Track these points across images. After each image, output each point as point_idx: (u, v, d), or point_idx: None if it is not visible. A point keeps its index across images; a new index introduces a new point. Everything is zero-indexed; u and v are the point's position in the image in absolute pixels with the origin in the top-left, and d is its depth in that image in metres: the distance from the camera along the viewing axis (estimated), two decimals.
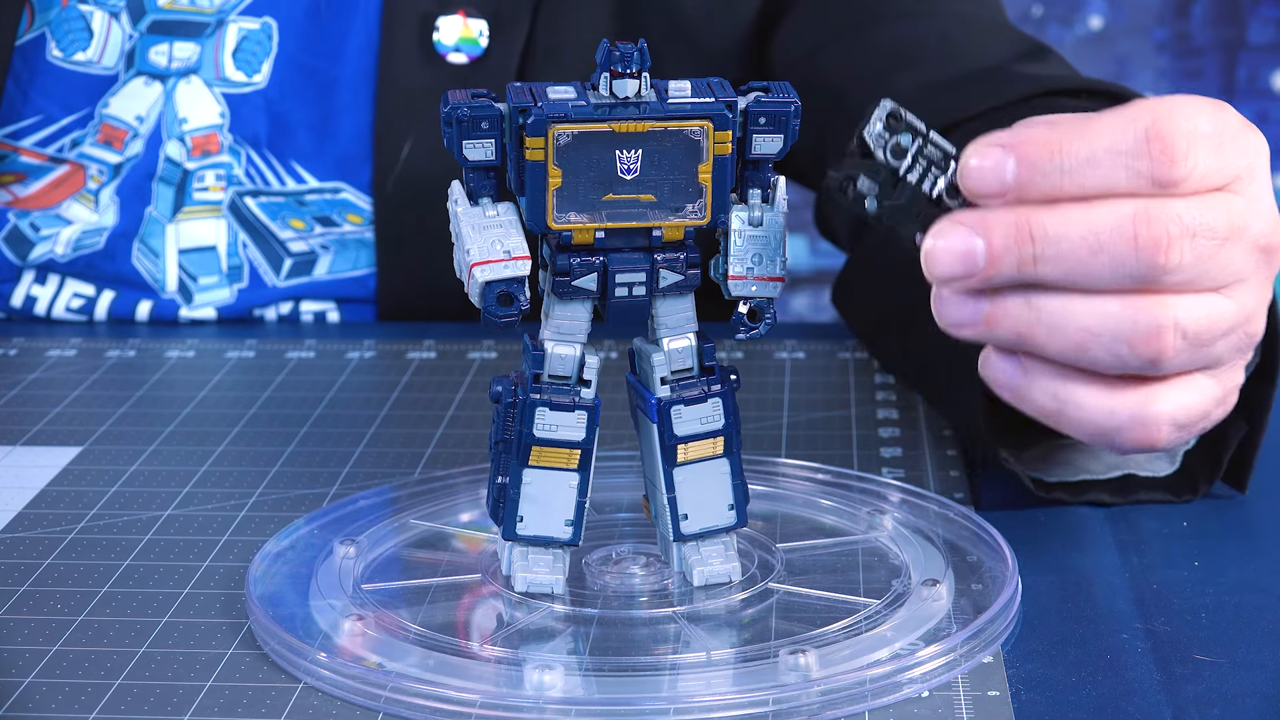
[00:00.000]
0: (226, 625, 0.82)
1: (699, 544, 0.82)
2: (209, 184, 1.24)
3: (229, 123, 1.24)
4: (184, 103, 1.23)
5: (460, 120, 0.77)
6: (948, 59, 1.19)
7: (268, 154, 1.24)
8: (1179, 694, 0.76)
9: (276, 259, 1.26)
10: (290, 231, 1.26)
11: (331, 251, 1.27)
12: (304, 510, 0.92)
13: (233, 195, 1.25)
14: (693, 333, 0.81)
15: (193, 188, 1.24)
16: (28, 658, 0.80)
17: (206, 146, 1.23)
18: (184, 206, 1.25)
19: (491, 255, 0.78)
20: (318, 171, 1.25)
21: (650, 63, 0.77)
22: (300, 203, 1.25)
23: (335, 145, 1.25)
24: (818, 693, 0.74)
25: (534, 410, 0.80)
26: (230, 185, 1.25)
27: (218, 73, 1.23)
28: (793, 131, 0.79)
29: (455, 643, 0.78)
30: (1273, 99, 2.16)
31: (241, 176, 1.25)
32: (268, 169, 1.24)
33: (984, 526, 0.87)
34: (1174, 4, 2.16)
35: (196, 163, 1.24)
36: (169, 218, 1.25)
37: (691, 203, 0.78)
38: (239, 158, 1.24)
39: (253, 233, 1.25)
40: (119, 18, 1.22)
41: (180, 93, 1.23)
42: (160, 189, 1.24)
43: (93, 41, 1.22)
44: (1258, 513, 0.95)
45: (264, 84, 1.23)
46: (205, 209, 1.25)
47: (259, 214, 1.25)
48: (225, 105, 1.23)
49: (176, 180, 1.24)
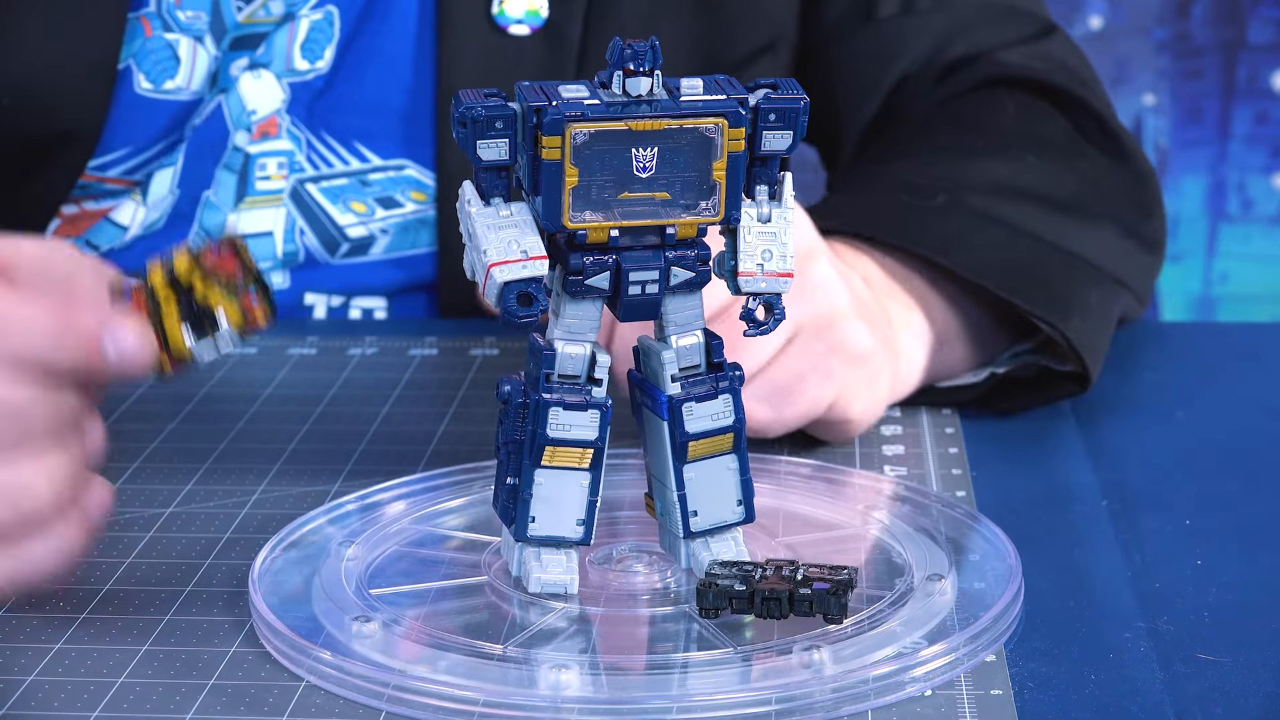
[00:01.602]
0: (229, 623, 0.82)
1: (708, 540, 0.82)
2: (270, 172, 1.23)
3: (288, 105, 1.23)
4: (251, 94, 1.22)
5: (475, 120, 0.77)
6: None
7: (327, 136, 1.23)
8: (1181, 693, 0.76)
9: (333, 244, 1.26)
10: (351, 216, 1.25)
11: (390, 235, 1.26)
12: (307, 507, 0.92)
13: (294, 182, 1.24)
14: (700, 329, 0.81)
15: (254, 176, 1.23)
16: (30, 655, 0.79)
17: (266, 129, 1.23)
18: (246, 197, 1.24)
19: (509, 255, 0.77)
20: (381, 150, 1.25)
21: (662, 60, 0.77)
22: (364, 183, 1.25)
23: (398, 123, 1.24)
24: (830, 689, 0.74)
25: (547, 410, 0.80)
26: (292, 173, 1.24)
27: (287, 65, 1.22)
28: (801, 128, 0.79)
29: (468, 644, 0.78)
30: (1273, 99, 2.16)
31: (303, 162, 1.24)
32: (329, 151, 1.24)
33: (986, 525, 0.87)
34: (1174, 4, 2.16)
35: (257, 146, 1.23)
36: (231, 207, 1.24)
37: (705, 200, 0.78)
38: (299, 143, 1.23)
39: (311, 219, 1.24)
40: (203, 40, 1.20)
41: (247, 85, 1.22)
42: (223, 176, 1.23)
43: (180, 69, 1.20)
44: (1260, 511, 0.95)
45: (326, 69, 1.23)
46: (267, 199, 1.24)
47: (320, 199, 1.24)
48: (289, 92, 1.23)
49: (239, 167, 1.23)
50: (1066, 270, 1.10)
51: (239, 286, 0.78)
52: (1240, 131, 2.18)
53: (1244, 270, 2.20)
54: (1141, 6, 2.17)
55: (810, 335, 0.96)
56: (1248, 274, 2.20)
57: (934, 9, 1.27)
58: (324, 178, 1.24)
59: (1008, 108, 1.21)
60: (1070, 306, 1.07)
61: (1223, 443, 1.04)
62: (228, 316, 0.78)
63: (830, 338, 0.96)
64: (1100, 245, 1.13)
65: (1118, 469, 1.00)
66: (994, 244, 1.09)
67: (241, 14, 1.20)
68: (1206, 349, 1.23)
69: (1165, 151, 2.18)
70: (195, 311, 0.78)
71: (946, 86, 1.25)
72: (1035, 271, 1.08)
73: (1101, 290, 1.10)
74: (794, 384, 0.95)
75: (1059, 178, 1.16)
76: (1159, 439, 1.05)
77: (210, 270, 0.78)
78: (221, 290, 0.77)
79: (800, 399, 0.96)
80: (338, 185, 1.25)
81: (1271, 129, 2.18)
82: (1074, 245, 1.11)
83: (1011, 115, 1.21)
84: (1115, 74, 2.18)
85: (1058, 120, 1.21)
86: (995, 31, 1.27)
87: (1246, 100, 2.18)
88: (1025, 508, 0.94)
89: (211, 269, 0.78)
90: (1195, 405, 1.11)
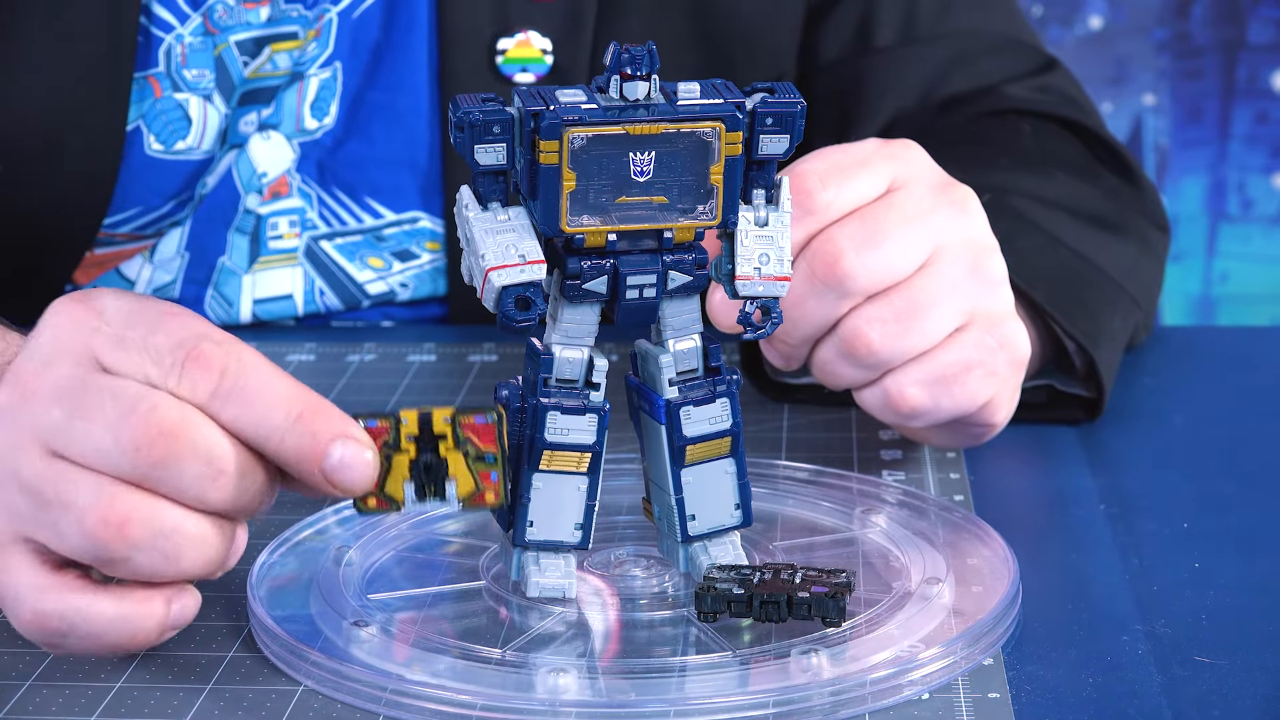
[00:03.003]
0: (227, 628, 0.82)
1: (706, 544, 0.82)
2: (283, 231, 1.23)
3: (297, 164, 1.22)
4: (260, 156, 1.21)
5: (473, 125, 0.77)
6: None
7: (338, 193, 1.23)
8: (1179, 696, 0.76)
9: (354, 302, 1.26)
10: (369, 272, 1.25)
11: (410, 289, 1.26)
12: (305, 513, 0.92)
13: (308, 240, 1.23)
14: (698, 334, 0.81)
15: (267, 236, 1.23)
16: (28, 660, 0.79)
17: (276, 189, 1.22)
18: (260, 257, 1.23)
19: (507, 260, 0.77)
20: (393, 204, 1.24)
21: (659, 64, 0.77)
22: (378, 238, 1.25)
23: (409, 176, 1.24)
24: (828, 693, 0.74)
25: (545, 414, 0.80)
26: (305, 230, 1.23)
27: (297, 125, 1.21)
28: (798, 132, 0.79)
29: (465, 648, 0.78)
30: (1273, 99, 2.16)
31: (315, 219, 1.23)
32: (341, 208, 1.23)
33: (984, 528, 0.87)
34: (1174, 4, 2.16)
35: (268, 207, 1.22)
36: (245, 268, 1.23)
37: (703, 204, 0.78)
38: (310, 200, 1.23)
39: (329, 278, 1.24)
40: (212, 99, 1.19)
41: (256, 147, 1.21)
42: (235, 239, 1.22)
43: (191, 129, 1.19)
44: (1257, 515, 0.95)
45: (333, 125, 1.22)
46: (281, 258, 1.24)
47: (336, 256, 1.24)
48: (299, 151, 1.22)
49: (250, 229, 1.23)
50: (1098, 289, 1.08)
51: (485, 462, 0.77)
52: (1240, 131, 2.18)
53: (1244, 270, 2.19)
54: (1141, 6, 2.17)
55: (983, 328, 0.92)
56: (1248, 274, 2.20)
57: (935, 39, 1.27)
58: (338, 234, 1.24)
59: (1024, 128, 1.21)
60: (1100, 331, 1.05)
61: (1220, 446, 1.05)
62: (459, 487, 0.77)
63: (1001, 334, 0.92)
64: (1124, 262, 1.12)
65: (1115, 472, 1.00)
66: (1037, 250, 1.06)
67: (248, 69, 1.19)
68: (1204, 353, 1.23)
69: (1165, 151, 2.18)
70: (428, 472, 0.77)
71: (949, 118, 1.24)
72: (1073, 286, 1.05)
73: (1122, 313, 1.09)
74: (959, 374, 0.91)
75: (1085, 192, 1.15)
76: (1157, 442, 1.05)
77: (465, 436, 0.77)
78: (467, 460, 0.77)
79: (961, 391, 0.91)
80: (353, 242, 1.24)
81: (1271, 129, 2.17)
82: (1103, 261, 1.10)
83: (1029, 135, 1.20)
84: (1115, 74, 2.18)
85: (1072, 142, 1.21)
86: (998, 64, 1.26)
87: (1246, 100, 2.18)
88: (1023, 511, 0.94)
89: (467, 435, 0.77)
90: (1193, 409, 1.11)
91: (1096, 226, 1.12)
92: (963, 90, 1.25)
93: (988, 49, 1.27)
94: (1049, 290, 1.03)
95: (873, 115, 1.24)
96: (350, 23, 1.20)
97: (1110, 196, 1.17)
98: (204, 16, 1.17)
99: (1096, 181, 1.17)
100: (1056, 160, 1.18)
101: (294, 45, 1.19)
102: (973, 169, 1.09)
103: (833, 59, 1.28)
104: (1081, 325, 1.03)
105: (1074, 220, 1.11)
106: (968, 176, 0.96)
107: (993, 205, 1.01)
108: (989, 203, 1.00)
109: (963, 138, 1.21)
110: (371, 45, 1.21)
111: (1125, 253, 1.13)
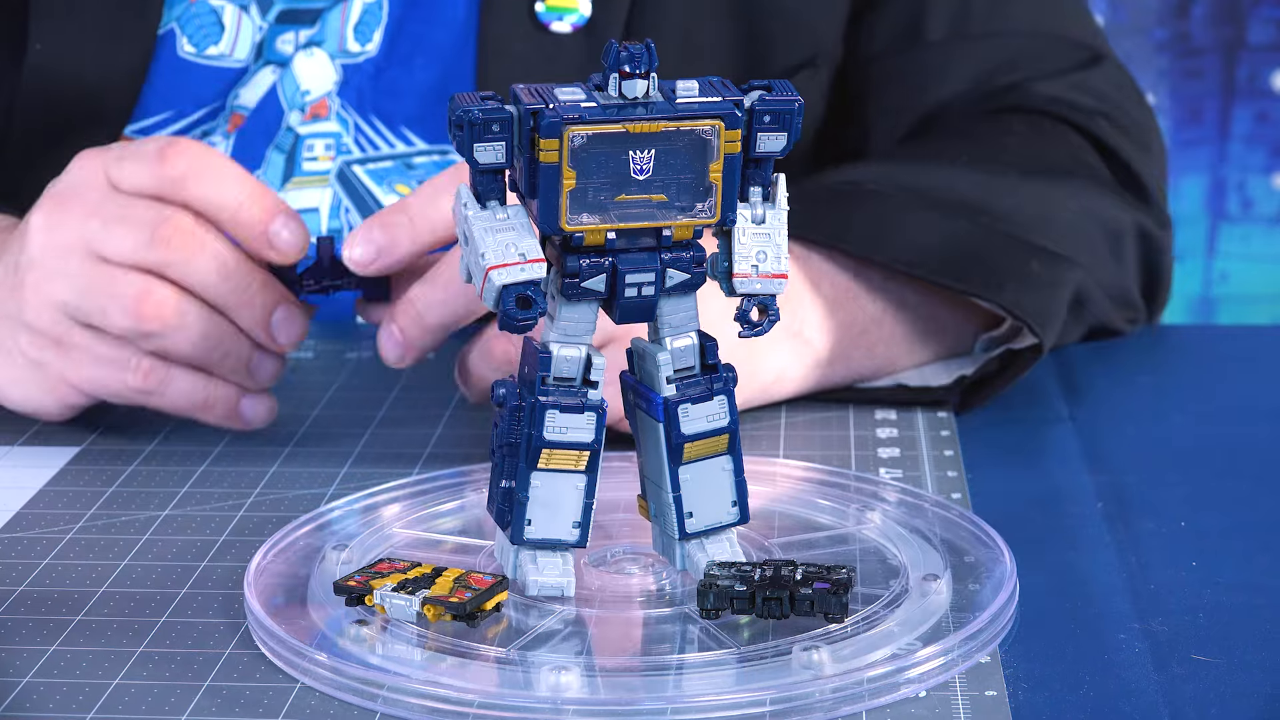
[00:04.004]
0: (224, 625, 0.82)
1: (704, 541, 0.82)
2: (318, 153, 1.24)
3: (338, 88, 1.23)
4: (305, 74, 1.23)
5: (472, 123, 0.77)
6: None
7: (375, 120, 1.23)
8: (1176, 694, 0.76)
9: None
10: (394, 197, 1.25)
11: None
12: (302, 511, 0.92)
13: (341, 164, 1.24)
14: (694, 331, 0.81)
15: (302, 156, 1.23)
16: (26, 657, 0.80)
17: (317, 111, 1.23)
18: (293, 177, 1.24)
19: (507, 258, 0.77)
20: (426, 135, 1.25)
21: (658, 62, 0.77)
22: (409, 165, 1.25)
23: (444, 109, 1.24)
24: (828, 690, 0.74)
25: (544, 413, 0.80)
26: (339, 154, 1.24)
27: (340, 45, 1.22)
28: (796, 130, 0.79)
29: (463, 645, 0.78)
30: (1273, 99, 2.16)
31: (350, 144, 1.24)
32: (376, 135, 1.24)
33: (981, 526, 0.87)
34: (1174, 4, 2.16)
35: (307, 128, 1.23)
36: (278, 186, 1.24)
37: (701, 202, 0.78)
38: (347, 126, 1.24)
39: (356, 199, 1.24)
40: (248, 10, 1.21)
41: (301, 64, 1.22)
42: (273, 155, 1.23)
43: (224, 35, 1.21)
44: (1255, 513, 0.95)
45: (375, 52, 1.23)
46: (313, 179, 1.24)
47: (366, 180, 1.24)
48: (341, 74, 1.23)
49: (288, 148, 1.23)
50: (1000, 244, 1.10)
51: (470, 600, 0.78)
52: (1240, 131, 2.18)
53: (1244, 270, 2.19)
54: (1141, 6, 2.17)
55: None
56: (1248, 274, 2.19)
57: (984, 36, 1.26)
58: (370, 160, 1.25)
59: (1014, 128, 1.21)
60: (1005, 278, 1.07)
61: (1218, 445, 1.04)
62: (427, 612, 0.79)
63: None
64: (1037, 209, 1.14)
65: (1113, 471, 1.00)
66: (924, 226, 1.09)
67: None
68: (1202, 352, 1.23)
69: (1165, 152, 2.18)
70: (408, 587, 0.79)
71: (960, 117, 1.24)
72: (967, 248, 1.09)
73: (1040, 259, 1.11)
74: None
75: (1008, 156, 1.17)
76: (1154, 441, 1.05)
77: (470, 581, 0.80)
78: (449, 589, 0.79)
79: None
80: (383, 168, 1.25)
81: (1271, 129, 2.17)
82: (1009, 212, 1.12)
83: (1017, 135, 1.20)
84: None
85: (1067, 144, 1.21)
86: (1036, 61, 1.26)
87: (1246, 100, 2.18)
88: (1021, 509, 0.94)
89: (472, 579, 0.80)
90: (1190, 407, 1.11)
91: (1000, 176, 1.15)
92: (999, 87, 1.25)
93: (1030, 45, 1.26)
94: (937, 264, 1.07)
95: (912, 109, 1.24)
96: None
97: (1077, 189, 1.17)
98: None
99: (1066, 181, 1.17)
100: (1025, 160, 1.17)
101: None
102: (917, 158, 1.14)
103: (881, 48, 1.28)
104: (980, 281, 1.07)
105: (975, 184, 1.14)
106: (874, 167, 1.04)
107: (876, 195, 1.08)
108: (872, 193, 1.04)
109: (942, 132, 1.21)
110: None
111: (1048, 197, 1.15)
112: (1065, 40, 1.28)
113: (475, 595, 0.79)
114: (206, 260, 0.97)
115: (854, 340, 1.08)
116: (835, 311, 1.07)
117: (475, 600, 0.78)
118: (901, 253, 1.07)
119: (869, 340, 1.08)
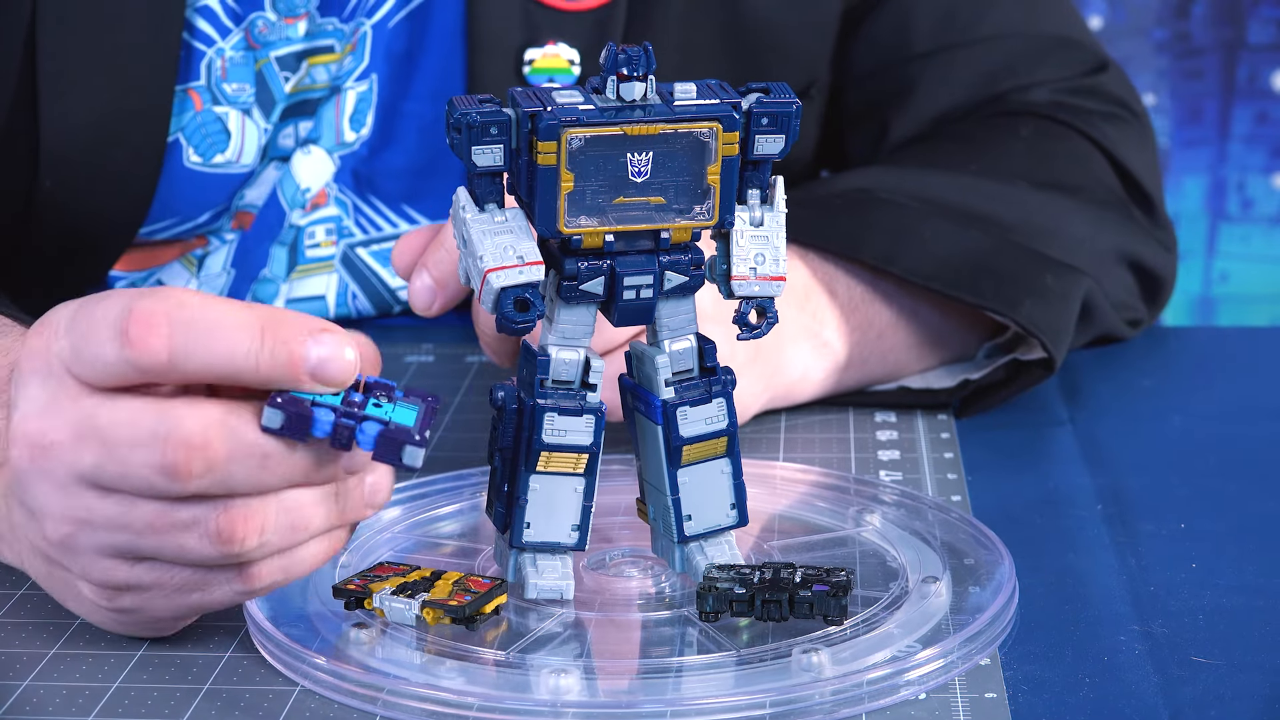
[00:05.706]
0: (224, 628, 0.82)
1: (703, 544, 0.82)
2: (320, 239, 1.23)
3: (334, 174, 1.22)
4: (304, 173, 1.21)
5: (470, 126, 0.77)
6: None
7: (375, 201, 1.23)
8: (1176, 696, 0.76)
9: (385, 306, 1.25)
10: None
11: None
12: None
13: (344, 248, 1.23)
14: (693, 334, 0.81)
15: (304, 245, 1.23)
16: (25, 660, 0.80)
17: (315, 200, 1.22)
18: (297, 266, 1.23)
19: (505, 261, 0.77)
20: (428, 211, 1.24)
21: (656, 65, 0.77)
22: None
23: (442, 183, 1.24)
24: (827, 692, 0.74)
25: (543, 416, 0.80)
26: (341, 238, 1.23)
27: (337, 139, 1.21)
28: (794, 131, 0.79)
29: (462, 649, 0.78)
30: (1273, 99, 2.16)
31: (351, 227, 1.23)
32: (376, 214, 1.23)
33: (981, 529, 0.87)
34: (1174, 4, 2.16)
35: (306, 218, 1.22)
36: (283, 277, 1.23)
37: (699, 204, 0.78)
38: (346, 209, 1.23)
39: (362, 282, 1.24)
40: (251, 113, 1.19)
41: (299, 163, 1.21)
42: (275, 250, 1.22)
43: (230, 142, 1.19)
44: (1255, 515, 0.95)
45: (368, 135, 1.22)
46: (317, 266, 1.23)
47: (370, 262, 1.23)
48: (339, 164, 1.22)
49: (290, 241, 1.22)
50: (1016, 260, 1.10)
51: (469, 603, 0.78)
52: (1240, 131, 2.18)
53: (1244, 270, 2.19)
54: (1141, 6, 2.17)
55: None
56: (1248, 274, 2.19)
57: (980, 41, 1.25)
58: (373, 241, 1.24)
59: (1021, 131, 1.21)
60: (1022, 293, 1.07)
61: (1217, 446, 1.04)
62: (426, 616, 0.78)
63: None
64: (1054, 214, 1.14)
65: (1113, 473, 1.00)
66: (940, 237, 1.09)
67: (289, 84, 1.19)
68: (1203, 353, 1.23)
69: (1165, 151, 2.18)
70: (406, 590, 0.79)
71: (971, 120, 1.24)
72: (983, 261, 1.09)
73: (1054, 271, 1.11)
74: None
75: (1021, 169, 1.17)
76: (1154, 443, 1.05)
77: (468, 584, 0.80)
78: (448, 593, 0.79)
79: None
80: (387, 249, 1.24)
81: (1271, 129, 2.17)
82: (1022, 234, 1.12)
83: (1024, 138, 1.20)
84: None
85: (1074, 150, 1.21)
86: (1042, 67, 1.25)
87: (1246, 100, 2.18)
88: (1020, 511, 0.94)
89: (471, 582, 0.80)
90: (1190, 409, 1.11)
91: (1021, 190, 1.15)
92: (998, 91, 1.24)
93: (1035, 51, 1.25)
94: (953, 276, 1.07)
95: (914, 121, 1.24)
96: (385, 34, 1.20)
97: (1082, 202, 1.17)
98: (245, 31, 1.17)
99: (1075, 192, 1.17)
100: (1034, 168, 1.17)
101: (332, 59, 1.19)
102: (929, 165, 1.12)
103: (870, 67, 1.27)
104: (993, 295, 1.07)
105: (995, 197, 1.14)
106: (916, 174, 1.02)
107: (890, 204, 1.07)
108: (886, 200, 1.04)
109: (950, 136, 1.21)
110: (404, 56, 1.21)
111: (1059, 208, 1.15)
112: (1068, 44, 1.27)
113: (474, 598, 0.79)
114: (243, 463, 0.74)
115: (871, 345, 1.07)
116: (851, 316, 1.07)
117: (474, 603, 0.78)
118: (918, 264, 1.07)
119: (884, 345, 1.08)
